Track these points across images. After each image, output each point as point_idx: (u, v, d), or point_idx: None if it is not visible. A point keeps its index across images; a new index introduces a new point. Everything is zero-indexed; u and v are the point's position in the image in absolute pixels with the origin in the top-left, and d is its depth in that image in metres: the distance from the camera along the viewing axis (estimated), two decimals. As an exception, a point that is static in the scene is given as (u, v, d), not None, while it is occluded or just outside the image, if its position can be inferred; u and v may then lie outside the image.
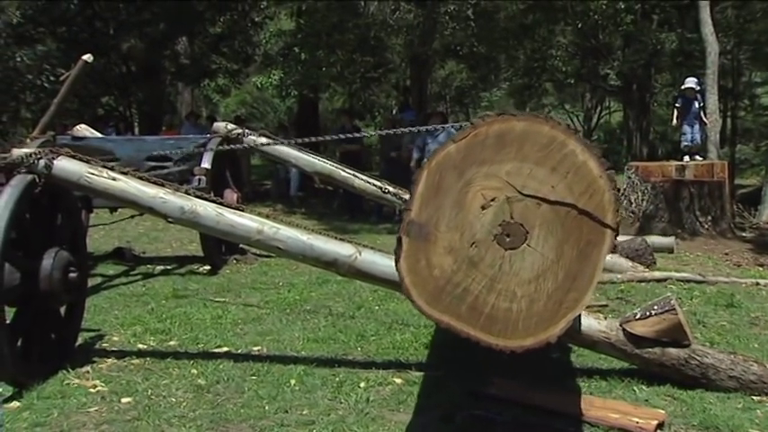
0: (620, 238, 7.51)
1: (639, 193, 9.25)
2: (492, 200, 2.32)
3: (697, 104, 10.03)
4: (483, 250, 2.32)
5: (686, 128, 10.01)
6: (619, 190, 2.31)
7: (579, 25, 15.84)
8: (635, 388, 3.40)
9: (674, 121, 10.55)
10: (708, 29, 11.34)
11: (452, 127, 5.94)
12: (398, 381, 3.56)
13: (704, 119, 10.21)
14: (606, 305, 5.03)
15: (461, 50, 16.38)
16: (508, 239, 2.31)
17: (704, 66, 11.48)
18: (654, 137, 24.21)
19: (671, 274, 6.02)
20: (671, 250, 7.36)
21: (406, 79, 19.15)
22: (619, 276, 5.86)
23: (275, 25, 20.21)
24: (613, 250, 6.51)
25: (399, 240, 2.36)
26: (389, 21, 13.28)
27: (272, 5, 18.38)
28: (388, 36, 14.74)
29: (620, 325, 3.46)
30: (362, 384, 3.49)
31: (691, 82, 10.20)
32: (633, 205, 9.31)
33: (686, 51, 17.58)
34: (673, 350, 3.39)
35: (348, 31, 13.98)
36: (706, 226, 8.99)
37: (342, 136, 6.42)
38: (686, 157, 9.82)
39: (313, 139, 6.07)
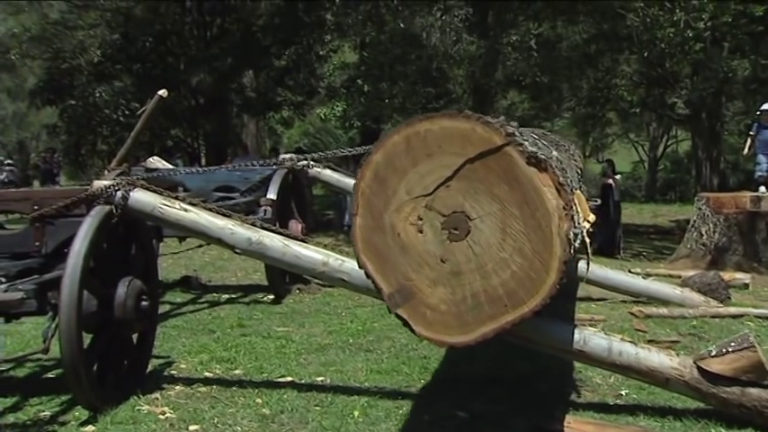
0: (691, 272, 7.25)
1: (711, 225, 8.92)
2: (419, 219, 2.51)
3: (773, 132, 9.67)
4: (452, 256, 2.47)
5: (761, 157, 9.65)
6: (517, 133, 2.47)
7: (645, 54, 15.52)
8: (713, 430, 3.24)
9: (746, 150, 10.18)
10: (783, 55, 10.96)
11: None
12: (462, 414, 3.50)
13: (782, 148, 9.82)
14: (678, 341, 4.84)
15: (524, 81, 16.32)
16: (458, 231, 2.47)
17: (779, 93, 11.08)
18: (724, 166, 23.39)
19: (748, 309, 5.75)
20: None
21: (468, 110, 19.15)
22: (690, 311, 5.63)
23: (339, 58, 20.64)
24: (684, 284, 6.32)
25: (398, 316, 2.52)
26: (451, 52, 13.38)
27: (336, 39, 18.80)
28: (450, 67, 14.83)
29: (695, 362, 3.31)
30: (426, 417, 3.45)
31: (766, 106, 9.85)
32: (704, 237, 8.98)
33: (760, 78, 17.00)
34: (754, 390, 3.21)
35: (410, 63, 14.15)
36: (785, 260, 8.59)
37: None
38: (762, 188, 9.44)
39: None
